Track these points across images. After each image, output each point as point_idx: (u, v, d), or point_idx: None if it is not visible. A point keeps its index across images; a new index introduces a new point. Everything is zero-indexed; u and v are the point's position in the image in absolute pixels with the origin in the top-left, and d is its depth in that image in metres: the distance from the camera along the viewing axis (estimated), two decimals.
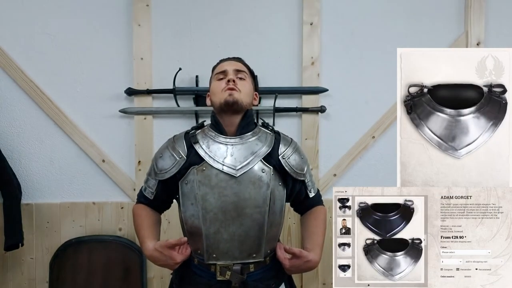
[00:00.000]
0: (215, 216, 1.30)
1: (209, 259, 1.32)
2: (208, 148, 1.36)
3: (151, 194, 1.45)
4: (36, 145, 2.29)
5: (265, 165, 1.35)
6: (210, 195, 1.31)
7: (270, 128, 1.48)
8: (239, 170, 1.32)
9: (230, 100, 1.34)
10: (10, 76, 2.24)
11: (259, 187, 1.32)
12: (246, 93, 1.40)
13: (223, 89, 1.37)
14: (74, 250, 2.24)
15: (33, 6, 2.26)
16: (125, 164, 2.30)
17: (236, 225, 1.31)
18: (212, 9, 2.29)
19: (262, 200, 1.32)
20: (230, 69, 1.41)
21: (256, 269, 1.34)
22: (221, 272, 1.31)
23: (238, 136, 1.38)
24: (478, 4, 2.30)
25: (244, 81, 1.41)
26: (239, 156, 1.34)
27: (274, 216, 1.36)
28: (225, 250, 1.31)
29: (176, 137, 1.45)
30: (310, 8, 2.27)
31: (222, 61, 1.49)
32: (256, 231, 1.32)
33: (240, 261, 1.32)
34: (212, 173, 1.31)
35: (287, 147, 1.42)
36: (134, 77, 2.26)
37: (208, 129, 1.42)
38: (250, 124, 1.42)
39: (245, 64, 1.49)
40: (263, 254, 1.35)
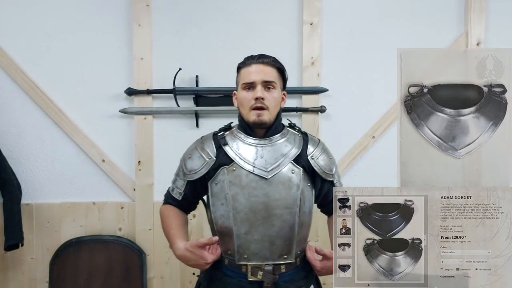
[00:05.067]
0: (246, 217, 1.31)
1: (240, 260, 1.32)
2: (238, 149, 1.37)
3: (179, 195, 1.45)
4: (36, 145, 2.28)
5: (295, 166, 1.36)
6: (240, 195, 1.32)
7: (297, 128, 1.48)
8: (269, 172, 1.33)
9: (258, 122, 1.35)
10: (11, 76, 2.24)
11: (289, 188, 1.33)
12: (274, 106, 1.37)
13: (251, 107, 1.34)
14: (74, 250, 2.24)
15: (33, 6, 2.25)
16: (125, 164, 2.30)
17: (266, 226, 1.31)
18: (212, 9, 2.29)
19: (292, 201, 1.33)
20: (258, 80, 1.35)
21: (287, 270, 1.34)
22: (252, 272, 1.31)
23: (267, 138, 1.39)
24: (478, 4, 2.30)
25: (273, 90, 1.37)
26: (269, 158, 1.35)
27: (304, 217, 1.36)
28: (256, 250, 1.31)
29: (204, 138, 1.45)
30: (310, 8, 2.27)
31: (249, 62, 1.39)
32: (286, 232, 1.32)
33: (271, 262, 1.32)
34: (242, 174, 1.33)
35: (316, 147, 1.43)
36: (134, 77, 2.26)
37: (237, 131, 1.42)
38: (279, 126, 1.42)
39: (274, 65, 1.40)
40: (294, 255, 1.35)
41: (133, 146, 2.28)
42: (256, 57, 1.39)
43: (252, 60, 1.38)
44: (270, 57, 1.40)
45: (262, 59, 1.38)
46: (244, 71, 1.39)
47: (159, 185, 2.29)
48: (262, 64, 1.37)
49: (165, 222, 1.45)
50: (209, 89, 2.26)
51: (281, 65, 1.42)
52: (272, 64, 1.39)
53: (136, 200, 2.27)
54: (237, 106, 1.44)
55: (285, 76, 1.45)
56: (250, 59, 1.39)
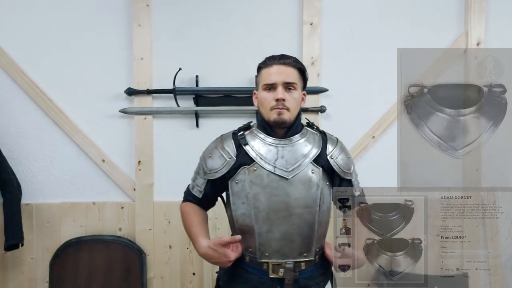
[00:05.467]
0: (267, 215, 1.33)
1: (261, 257, 1.35)
2: (259, 150, 1.38)
3: (199, 193, 1.46)
4: (36, 145, 2.28)
5: (315, 166, 1.38)
6: (261, 194, 1.34)
7: (315, 127, 1.50)
8: (290, 172, 1.34)
9: (279, 121, 1.36)
10: (11, 76, 2.24)
11: (309, 188, 1.35)
12: (295, 107, 1.38)
13: (272, 108, 1.35)
14: (74, 250, 2.23)
15: (33, 7, 2.25)
16: (125, 164, 2.30)
17: (287, 225, 1.33)
18: (212, 9, 2.29)
19: (312, 200, 1.35)
20: (279, 81, 1.35)
21: (306, 267, 1.37)
22: (273, 270, 1.34)
23: (287, 138, 1.40)
24: (478, 4, 2.30)
25: (294, 91, 1.37)
26: (290, 158, 1.36)
27: (323, 215, 1.38)
28: (277, 248, 1.34)
29: (224, 137, 1.46)
30: (310, 8, 2.27)
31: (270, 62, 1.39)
32: (306, 230, 1.35)
33: (292, 259, 1.34)
34: (263, 173, 1.35)
35: (334, 146, 1.45)
36: (134, 77, 2.26)
37: (257, 130, 1.43)
38: (299, 126, 1.44)
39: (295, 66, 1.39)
40: (313, 253, 1.37)
41: (133, 146, 2.28)
42: (278, 57, 1.39)
43: (273, 61, 1.38)
44: (291, 58, 1.40)
45: (283, 59, 1.38)
46: (265, 71, 1.39)
47: (159, 185, 2.29)
48: (284, 65, 1.37)
49: (186, 220, 1.46)
50: (209, 89, 2.26)
51: (302, 65, 1.43)
52: (293, 64, 1.38)
53: (136, 200, 2.27)
54: (257, 105, 1.45)
55: (306, 76, 1.45)
56: (272, 59, 1.39)
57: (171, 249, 2.29)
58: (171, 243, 2.28)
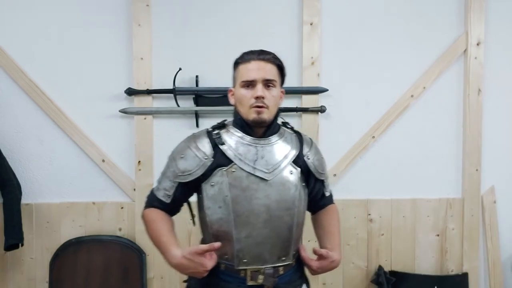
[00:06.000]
0: (247, 220, 1.26)
1: (239, 264, 1.27)
2: (237, 150, 1.30)
3: (167, 198, 1.34)
4: (36, 145, 2.28)
5: (294, 166, 1.33)
6: (241, 197, 1.26)
7: (290, 127, 1.44)
8: (271, 174, 1.28)
9: (258, 121, 1.29)
10: (11, 76, 2.24)
11: (288, 189, 1.30)
12: (274, 105, 1.31)
13: (251, 106, 1.28)
14: (74, 250, 2.23)
15: (33, 7, 2.25)
16: (125, 164, 2.30)
17: (268, 228, 1.27)
18: (212, 9, 2.29)
19: (292, 201, 1.30)
20: (259, 78, 1.27)
21: (285, 272, 1.32)
22: (252, 277, 1.27)
23: (266, 138, 1.33)
24: (478, 4, 2.30)
25: (273, 89, 1.30)
26: (270, 159, 1.30)
27: (300, 217, 1.34)
28: (256, 254, 1.27)
29: (197, 136, 1.36)
30: (310, 8, 2.27)
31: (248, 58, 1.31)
32: (286, 233, 1.30)
33: (271, 264, 1.28)
34: (242, 175, 1.27)
35: (310, 147, 1.41)
36: (134, 77, 2.26)
37: (234, 129, 1.35)
38: (276, 125, 1.38)
39: (274, 62, 1.33)
40: (291, 256, 1.33)
41: (133, 146, 2.28)
42: (257, 53, 1.31)
43: (252, 56, 1.31)
44: (270, 54, 1.33)
45: (262, 55, 1.30)
46: (243, 67, 1.31)
47: None
48: (263, 61, 1.29)
49: (153, 229, 1.33)
50: (209, 89, 2.26)
51: (281, 61, 1.35)
52: (272, 61, 1.31)
53: (136, 200, 2.27)
54: (234, 103, 1.36)
55: (284, 73, 1.38)
56: (250, 54, 1.31)
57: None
58: None
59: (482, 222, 2.39)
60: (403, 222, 2.36)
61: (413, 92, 2.32)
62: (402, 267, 2.34)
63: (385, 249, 2.36)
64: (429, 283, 2.30)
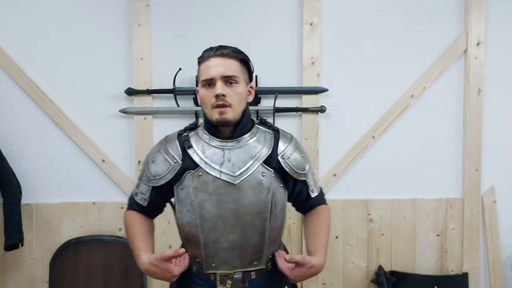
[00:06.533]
0: (214, 225, 1.23)
1: (208, 268, 1.26)
2: (204, 153, 1.25)
3: (144, 201, 1.34)
4: (36, 145, 2.28)
5: (265, 168, 1.26)
6: (208, 202, 1.23)
7: (269, 125, 1.37)
8: (238, 177, 1.23)
9: (221, 121, 1.23)
10: (11, 76, 2.24)
11: (260, 192, 1.24)
12: (238, 102, 1.24)
13: (213, 105, 1.22)
14: (74, 250, 2.23)
15: (33, 7, 2.25)
16: (125, 164, 2.30)
17: (236, 233, 1.24)
18: (212, 9, 2.29)
19: (263, 205, 1.24)
20: (217, 76, 1.21)
21: (257, 276, 1.28)
22: (221, 281, 1.25)
23: (234, 140, 1.27)
24: (478, 4, 2.30)
25: (236, 85, 1.23)
26: (237, 161, 1.24)
27: (276, 220, 1.28)
28: (225, 259, 1.25)
29: (168, 139, 1.33)
30: (310, 8, 2.27)
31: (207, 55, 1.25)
32: (257, 238, 1.25)
33: (241, 269, 1.26)
34: (209, 179, 1.23)
35: (287, 145, 1.32)
36: (134, 77, 2.26)
37: (202, 131, 1.30)
38: (247, 124, 1.30)
39: (236, 56, 1.26)
40: (265, 261, 1.29)
41: (133, 146, 2.28)
42: (215, 49, 1.25)
43: (210, 53, 1.24)
44: (230, 48, 1.25)
45: (221, 50, 1.24)
46: (203, 66, 1.25)
47: None
48: (221, 57, 1.23)
49: (129, 232, 1.33)
50: None
51: (244, 55, 1.28)
52: (233, 55, 1.24)
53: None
54: (200, 104, 1.30)
55: (250, 67, 1.31)
56: (209, 51, 1.25)
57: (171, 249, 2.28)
58: (171, 243, 2.28)
59: (482, 222, 2.39)
60: (403, 222, 2.36)
61: (413, 92, 2.32)
62: (402, 267, 2.34)
63: (385, 249, 2.36)
64: (429, 283, 2.30)
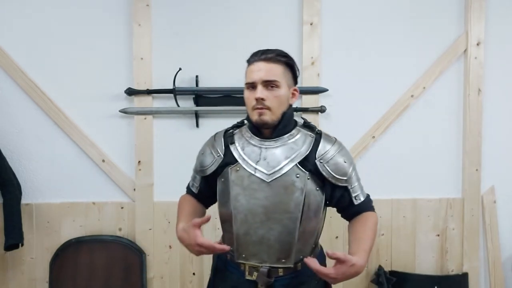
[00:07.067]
0: (245, 218, 1.30)
1: (239, 258, 1.33)
2: (243, 150, 1.34)
3: (195, 189, 1.48)
4: (36, 145, 2.28)
5: (300, 169, 1.29)
6: (241, 196, 1.30)
7: (312, 128, 1.40)
8: (271, 175, 1.29)
9: (260, 123, 1.30)
10: (11, 76, 2.24)
11: (292, 193, 1.27)
12: (278, 105, 1.29)
13: (253, 107, 1.29)
14: (74, 250, 2.23)
15: (33, 7, 2.25)
16: (125, 164, 2.30)
17: (265, 229, 1.29)
18: (212, 9, 2.29)
19: (294, 205, 1.27)
20: (258, 80, 1.27)
21: (285, 274, 1.31)
22: (249, 272, 1.31)
23: (273, 139, 1.33)
24: (478, 4, 2.30)
25: (276, 89, 1.28)
26: (272, 160, 1.30)
27: (308, 222, 1.30)
28: (254, 251, 1.31)
29: (217, 135, 1.45)
30: (310, 8, 2.27)
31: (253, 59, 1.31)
32: (285, 236, 1.28)
33: (269, 264, 1.30)
34: (245, 174, 1.31)
35: (328, 149, 1.34)
36: (134, 77, 2.26)
37: (246, 129, 1.39)
38: (288, 126, 1.35)
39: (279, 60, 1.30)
40: (293, 260, 1.31)
41: (133, 146, 2.28)
42: (259, 53, 1.30)
43: (255, 57, 1.30)
44: (274, 52, 1.29)
45: (265, 55, 1.28)
46: (248, 69, 1.32)
47: (159, 185, 2.29)
48: (265, 62, 1.28)
49: (179, 208, 1.46)
50: (209, 89, 2.26)
51: (289, 59, 1.32)
52: (276, 59, 1.29)
53: (136, 200, 2.27)
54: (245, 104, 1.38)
55: (295, 70, 1.35)
56: (254, 55, 1.31)
57: (171, 249, 2.29)
58: (171, 243, 2.28)
59: (482, 222, 2.39)
60: (403, 222, 2.36)
61: (413, 92, 2.32)
62: (402, 267, 2.34)
63: (385, 249, 2.36)
64: (429, 283, 2.30)
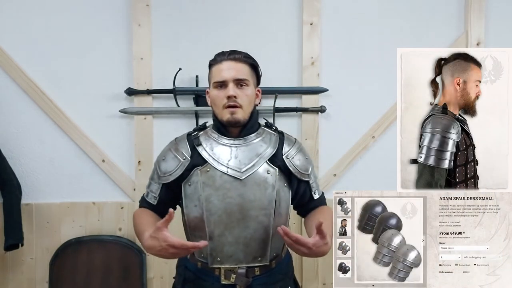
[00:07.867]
0: (220, 219, 1.29)
1: (213, 263, 1.30)
2: (212, 150, 1.34)
3: (154, 199, 1.41)
4: (36, 145, 2.28)
5: (270, 166, 1.33)
6: (214, 196, 1.29)
7: (274, 128, 1.45)
8: (244, 173, 1.30)
9: (232, 121, 1.32)
10: (11, 76, 2.24)
11: (265, 189, 1.31)
12: (248, 104, 1.34)
13: (224, 105, 1.31)
14: (74, 250, 2.24)
15: (33, 6, 2.25)
16: (125, 164, 2.31)
17: (241, 228, 1.29)
18: (212, 9, 2.29)
19: (268, 202, 1.30)
20: (229, 78, 1.31)
21: (261, 273, 1.32)
22: (225, 275, 1.30)
23: (241, 138, 1.36)
24: (478, 4, 2.30)
25: (246, 87, 1.33)
26: (244, 158, 1.32)
27: (280, 218, 1.33)
28: (229, 253, 1.30)
29: (178, 139, 1.43)
30: (310, 8, 2.27)
31: (220, 59, 1.36)
32: (261, 233, 1.30)
33: (245, 264, 1.30)
34: (216, 174, 1.30)
35: (291, 147, 1.40)
36: (134, 77, 2.26)
37: (211, 131, 1.40)
38: (254, 125, 1.39)
39: (246, 61, 1.36)
40: (269, 258, 1.33)
41: (133, 146, 2.29)
42: (227, 53, 1.35)
43: (223, 57, 1.35)
44: (241, 53, 1.36)
45: (233, 55, 1.34)
46: (215, 68, 1.36)
47: None
48: (234, 61, 1.33)
49: (136, 222, 1.38)
50: None
51: (254, 60, 1.38)
52: (244, 60, 1.35)
53: (136, 200, 2.27)
54: (210, 105, 1.41)
55: (259, 72, 1.41)
56: (221, 55, 1.36)
57: None
58: None
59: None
60: None
61: None
62: None
63: None
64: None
